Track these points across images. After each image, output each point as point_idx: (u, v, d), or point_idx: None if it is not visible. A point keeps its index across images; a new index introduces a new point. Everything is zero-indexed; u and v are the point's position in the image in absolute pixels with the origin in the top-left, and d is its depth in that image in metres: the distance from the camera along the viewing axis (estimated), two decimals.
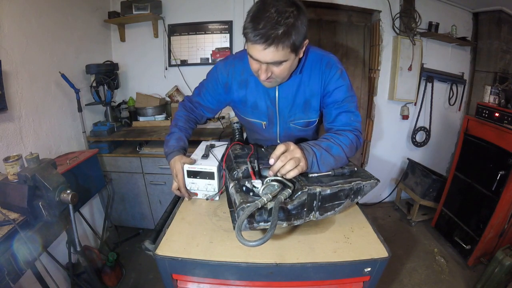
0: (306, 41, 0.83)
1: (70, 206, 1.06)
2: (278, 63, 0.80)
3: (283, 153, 0.73)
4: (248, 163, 0.84)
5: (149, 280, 1.89)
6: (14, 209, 1.03)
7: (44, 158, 1.11)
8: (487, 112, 1.93)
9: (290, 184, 0.73)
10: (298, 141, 0.83)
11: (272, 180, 0.74)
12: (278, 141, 1.11)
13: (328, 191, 0.74)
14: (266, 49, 0.75)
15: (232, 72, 1.01)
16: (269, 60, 0.78)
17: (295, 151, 0.74)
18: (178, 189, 0.97)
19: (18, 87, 1.54)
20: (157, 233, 0.82)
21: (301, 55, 0.86)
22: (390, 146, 2.77)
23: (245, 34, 0.77)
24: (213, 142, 1.15)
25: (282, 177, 0.74)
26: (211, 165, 0.95)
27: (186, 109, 1.13)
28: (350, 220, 0.89)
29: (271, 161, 0.73)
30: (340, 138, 0.86)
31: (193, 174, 0.96)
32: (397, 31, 2.43)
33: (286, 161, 0.72)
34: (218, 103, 1.10)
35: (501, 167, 1.75)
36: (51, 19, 1.78)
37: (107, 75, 2.10)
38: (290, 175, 0.72)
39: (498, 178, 1.75)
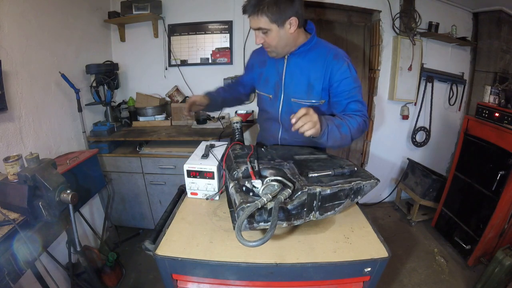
0: (293, 19, 1.00)
1: (70, 206, 1.06)
2: (263, 31, 1.01)
3: (304, 115, 0.84)
4: (248, 163, 0.84)
5: (149, 280, 1.89)
6: (14, 209, 1.03)
7: (44, 158, 1.11)
8: (487, 112, 1.92)
9: (290, 184, 0.74)
10: None
11: (272, 180, 0.74)
12: (279, 116, 1.21)
13: (328, 191, 0.74)
14: (249, 17, 1.01)
15: (256, 56, 1.31)
16: (254, 26, 1.01)
17: (314, 116, 0.85)
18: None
19: (18, 87, 1.54)
20: (157, 233, 0.82)
21: (291, 30, 1.02)
22: (390, 146, 2.77)
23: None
24: (213, 142, 1.15)
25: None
26: (211, 165, 0.95)
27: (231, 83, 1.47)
28: (350, 220, 0.89)
29: (293, 121, 0.85)
30: (351, 120, 0.99)
31: (193, 173, 0.96)
32: (397, 31, 2.43)
33: (305, 122, 0.84)
34: (249, 80, 1.34)
35: (501, 167, 1.75)
36: (51, 19, 1.78)
37: (107, 75, 2.10)
38: (308, 133, 0.85)
39: (498, 178, 1.75)
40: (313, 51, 1.09)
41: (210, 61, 2.43)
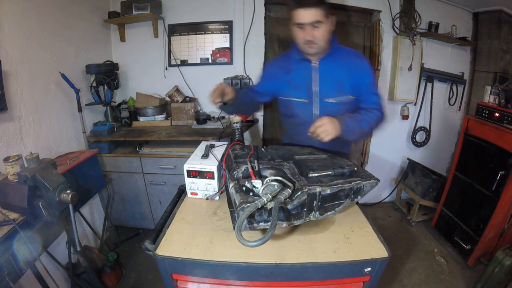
0: (334, 17, 1.13)
1: (70, 206, 1.06)
2: (317, 23, 1.07)
3: (319, 126, 0.99)
4: (248, 163, 0.84)
5: (149, 280, 1.89)
6: (14, 209, 1.03)
7: (44, 158, 1.11)
8: (487, 112, 1.92)
9: (290, 184, 0.73)
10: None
11: (272, 180, 0.74)
12: (314, 118, 1.21)
13: (328, 191, 0.74)
14: (308, 10, 1.05)
15: (278, 64, 1.34)
16: (311, 19, 1.06)
17: (326, 125, 0.99)
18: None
19: (18, 87, 1.54)
20: (157, 233, 0.82)
21: (332, 28, 1.14)
22: (390, 146, 2.77)
23: (291, 9, 1.09)
24: (213, 142, 1.15)
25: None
26: (211, 165, 0.96)
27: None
28: (350, 220, 0.89)
29: (309, 134, 1.02)
30: (370, 115, 1.14)
31: (193, 173, 0.96)
32: (397, 31, 2.43)
33: (320, 132, 0.99)
34: (271, 88, 1.35)
35: (501, 167, 1.75)
36: (51, 19, 1.78)
37: (107, 75, 2.10)
38: (325, 139, 0.99)
39: (498, 178, 1.75)
40: (337, 53, 1.21)
41: (210, 61, 2.43)
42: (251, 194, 0.73)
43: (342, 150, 1.37)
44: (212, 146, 1.12)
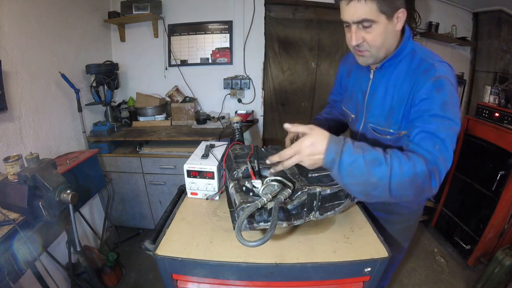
0: (402, 10, 0.75)
1: (70, 206, 1.06)
2: (367, 23, 0.73)
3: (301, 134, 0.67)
4: (248, 163, 0.84)
5: (149, 280, 1.89)
6: (14, 209, 1.03)
7: (44, 158, 1.11)
8: (487, 112, 1.92)
9: (290, 184, 0.74)
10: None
11: (272, 180, 0.74)
12: (357, 140, 0.90)
13: (328, 191, 0.74)
14: (351, 4, 0.72)
15: (344, 63, 1.10)
16: (355, 17, 0.73)
17: (304, 142, 0.64)
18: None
19: (18, 87, 1.54)
20: (157, 233, 0.82)
21: (398, 27, 0.78)
22: None
23: (336, 1, 0.78)
24: (213, 142, 1.15)
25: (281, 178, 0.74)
26: (211, 165, 0.96)
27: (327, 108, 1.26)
28: (350, 220, 0.89)
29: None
30: (403, 161, 0.64)
31: (193, 173, 0.96)
32: None
33: (287, 154, 0.66)
34: (339, 92, 1.16)
35: (501, 167, 1.75)
36: (51, 19, 1.78)
37: (107, 75, 2.10)
38: (286, 164, 0.68)
39: (498, 178, 1.75)
40: (403, 63, 0.83)
41: (210, 61, 2.43)
42: (251, 194, 0.73)
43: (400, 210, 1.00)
44: (212, 146, 1.12)
